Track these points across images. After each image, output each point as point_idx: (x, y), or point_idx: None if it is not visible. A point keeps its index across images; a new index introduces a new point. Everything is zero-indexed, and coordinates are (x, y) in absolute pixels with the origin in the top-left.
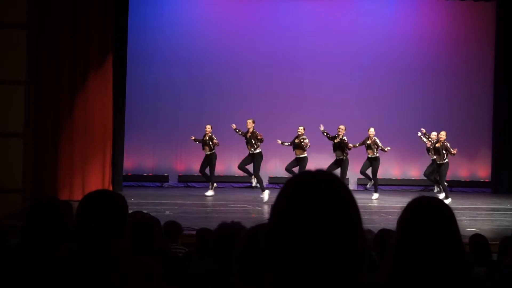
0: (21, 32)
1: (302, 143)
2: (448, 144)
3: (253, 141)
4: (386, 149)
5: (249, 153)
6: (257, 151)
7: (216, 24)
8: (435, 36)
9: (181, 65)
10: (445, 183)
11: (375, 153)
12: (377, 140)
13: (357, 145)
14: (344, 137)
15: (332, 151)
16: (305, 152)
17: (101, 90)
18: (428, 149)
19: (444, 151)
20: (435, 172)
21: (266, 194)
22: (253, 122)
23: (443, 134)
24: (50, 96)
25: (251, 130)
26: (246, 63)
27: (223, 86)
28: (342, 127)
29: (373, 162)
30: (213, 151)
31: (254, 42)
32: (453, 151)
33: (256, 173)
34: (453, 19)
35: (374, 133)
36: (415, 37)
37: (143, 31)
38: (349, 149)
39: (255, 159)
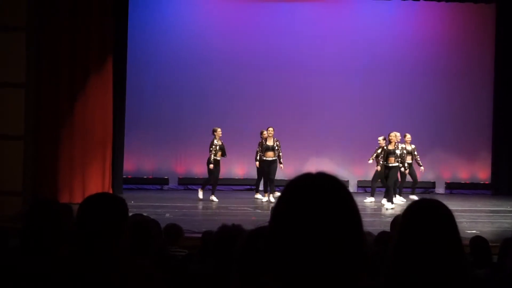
0: (20, 34)
1: (279, 148)
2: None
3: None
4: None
5: (218, 160)
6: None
7: (216, 26)
8: (436, 38)
9: (181, 67)
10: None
11: (395, 161)
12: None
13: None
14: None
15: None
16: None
17: (101, 92)
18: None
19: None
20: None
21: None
22: (219, 131)
23: (397, 135)
24: (50, 98)
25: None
26: (247, 65)
27: (223, 88)
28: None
29: (393, 170)
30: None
31: (254, 45)
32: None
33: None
34: (453, 21)
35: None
36: (415, 39)
37: (143, 33)
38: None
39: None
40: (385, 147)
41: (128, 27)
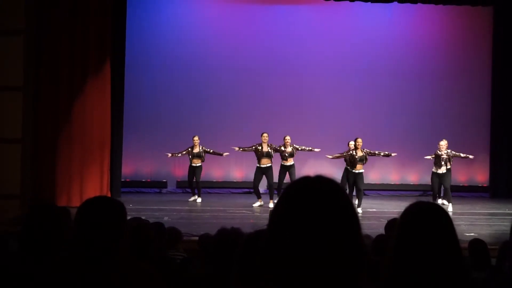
0: (19, 38)
1: (296, 150)
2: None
3: (203, 155)
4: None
5: (194, 166)
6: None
7: (214, 29)
8: (434, 41)
9: (179, 70)
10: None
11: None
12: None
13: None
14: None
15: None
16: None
17: (99, 96)
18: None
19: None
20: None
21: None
22: (198, 138)
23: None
24: (48, 101)
25: (198, 146)
26: (245, 68)
27: (221, 91)
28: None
29: (360, 177)
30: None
31: (252, 47)
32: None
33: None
34: (451, 24)
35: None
36: (413, 42)
37: (141, 37)
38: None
39: (199, 170)
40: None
41: (126, 29)
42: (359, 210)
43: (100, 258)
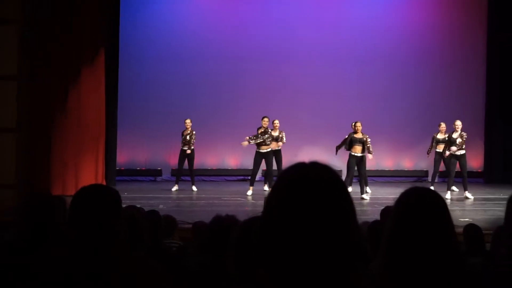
0: (13, 27)
1: (282, 138)
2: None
3: (191, 140)
4: (371, 153)
5: (186, 153)
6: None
7: (208, 20)
8: (429, 28)
9: (173, 60)
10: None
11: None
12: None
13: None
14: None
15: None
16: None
17: (93, 85)
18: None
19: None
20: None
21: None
22: (191, 121)
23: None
24: (43, 91)
25: (189, 129)
26: (239, 58)
27: (215, 81)
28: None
29: (362, 161)
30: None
31: (247, 37)
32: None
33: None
34: (447, 10)
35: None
36: (409, 29)
37: (135, 27)
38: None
39: (192, 156)
40: (354, 136)
41: (120, 19)
42: (365, 196)
43: (95, 246)
